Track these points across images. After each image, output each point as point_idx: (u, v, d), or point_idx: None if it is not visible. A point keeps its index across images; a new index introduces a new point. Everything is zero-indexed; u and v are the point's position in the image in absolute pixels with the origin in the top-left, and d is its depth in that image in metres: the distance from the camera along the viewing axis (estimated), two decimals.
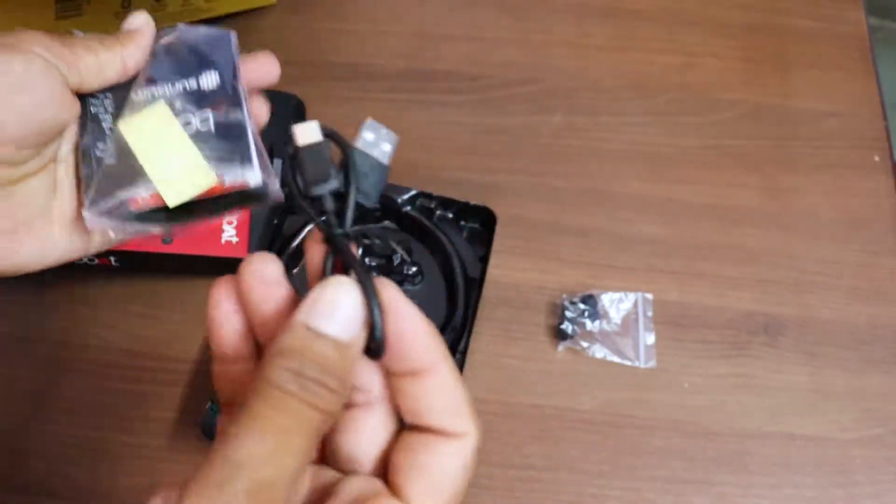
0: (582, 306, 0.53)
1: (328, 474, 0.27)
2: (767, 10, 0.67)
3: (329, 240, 0.26)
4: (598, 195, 0.58)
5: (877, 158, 0.60)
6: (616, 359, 0.52)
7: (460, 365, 0.51)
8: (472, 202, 0.54)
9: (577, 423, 0.51)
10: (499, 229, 0.54)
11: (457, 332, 0.51)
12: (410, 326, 0.25)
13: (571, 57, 0.64)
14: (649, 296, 0.54)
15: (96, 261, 0.52)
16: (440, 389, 0.26)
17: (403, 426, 0.27)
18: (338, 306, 0.24)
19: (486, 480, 0.49)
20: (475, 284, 0.53)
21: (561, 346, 0.52)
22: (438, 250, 0.54)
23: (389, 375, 0.27)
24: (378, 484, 0.26)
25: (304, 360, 0.23)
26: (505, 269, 0.55)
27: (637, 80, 0.63)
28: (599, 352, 0.52)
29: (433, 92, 0.62)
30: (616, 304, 0.53)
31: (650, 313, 0.54)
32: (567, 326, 0.52)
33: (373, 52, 0.64)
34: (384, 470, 0.27)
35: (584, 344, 0.52)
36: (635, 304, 0.54)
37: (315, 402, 0.23)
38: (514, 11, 0.67)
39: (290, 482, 0.23)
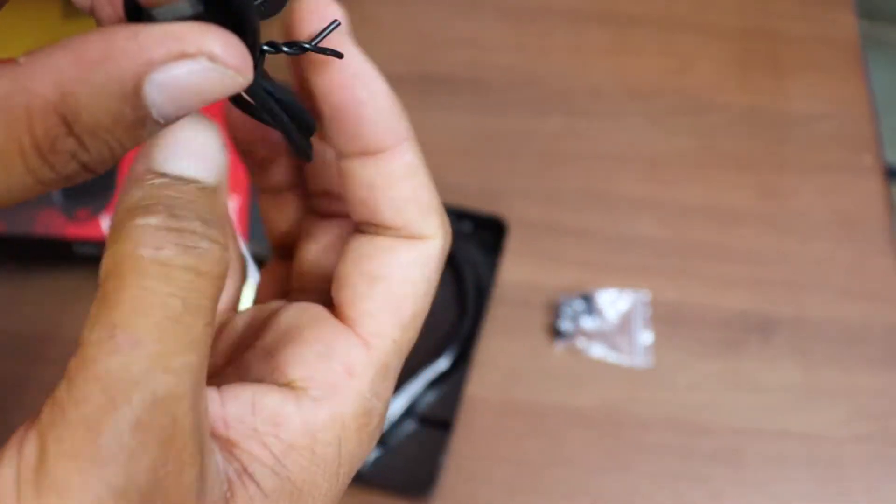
0: (580, 305, 0.54)
1: (268, 306, 0.22)
2: (760, 15, 0.68)
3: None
4: (596, 196, 0.59)
5: (868, 160, 0.61)
6: (613, 357, 0.53)
7: (467, 368, 0.52)
8: (485, 213, 0.56)
9: (574, 419, 0.52)
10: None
11: (465, 339, 0.52)
12: (360, 92, 0.20)
13: (569, 61, 0.65)
14: (646, 295, 0.55)
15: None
16: (402, 176, 0.21)
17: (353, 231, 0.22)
18: (189, 142, 0.17)
19: (485, 476, 0.50)
20: (485, 292, 0.54)
21: (559, 345, 0.53)
22: (451, 261, 0.55)
23: (338, 157, 0.21)
24: (316, 309, 0.21)
25: (164, 208, 0.16)
26: (504, 268, 0.56)
27: (633, 84, 0.64)
28: (597, 350, 0.53)
29: (433, 96, 0.63)
30: (613, 303, 0.54)
31: (647, 312, 0.55)
32: (565, 325, 0.53)
33: (373, 57, 0.65)
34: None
35: (582, 342, 0.53)
36: (632, 303, 0.55)
37: (197, 264, 0.16)
38: (513, 17, 0.68)
39: (195, 383, 0.16)
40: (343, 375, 0.19)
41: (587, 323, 0.53)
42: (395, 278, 0.21)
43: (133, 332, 0.16)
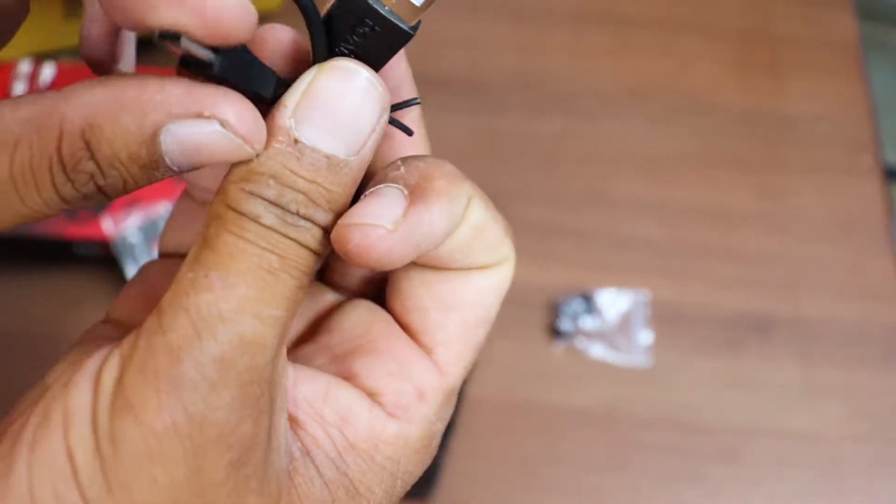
0: (579, 305, 0.54)
1: (325, 298, 0.22)
2: (760, 16, 0.68)
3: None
4: (596, 197, 0.59)
5: (867, 161, 0.61)
6: (613, 356, 0.53)
7: None
8: None
9: (574, 419, 0.52)
10: None
11: None
12: (423, 215, 0.18)
13: (569, 62, 0.65)
14: (645, 295, 0.55)
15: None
16: (472, 236, 0.20)
17: None
18: (335, 105, 0.17)
19: (485, 475, 0.50)
20: None
21: (559, 345, 0.54)
22: None
23: None
24: (384, 318, 0.21)
25: (284, 187, 0.17)
26: None
27: (633, 85, 0.64)
28: (596, 350, 0.53)
29: (433, 97, 0.63)
30: (613, 302, 0.55)
31: (646, 312, 0.55)
32: (565, 325, 0.53)
33: None
34: (383, 294, 0.21)
35: (582, 342, 0.53)
36: (632, 303, 0.55)
37: (302, 239, 0.17)
38: (513, 18, 0.68)
39: (279, 340, 0.17)
40: (414, 398, 0.20)
41: (587, 323, 0.54)
42: (470, 306, 0.20)
43: (227, 274, 0.16)
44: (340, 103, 0.17)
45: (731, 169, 0.61)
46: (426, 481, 0.48)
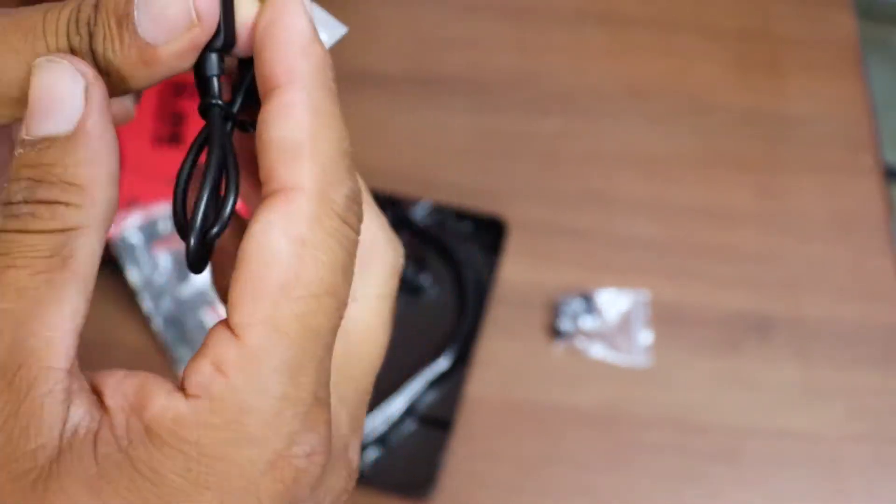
0: (579, 305, 0.54)
1: None
2: (760, 15, 0.68)
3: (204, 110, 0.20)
4: (596, 197, 0.59)
5: (866, 160, 0.61)
6: (612, 356, 0.53)
7: (467, 367, 0.52)
8: (485, 213, 0.56)
9: (574, 419, 0.52)
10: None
11: (465, 339, 0.53)
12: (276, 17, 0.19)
13: (569, 62, 0.65)
14: (645, 295, 0.55)
15: None
16: (277, 116, 0.18)
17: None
18: (39, 97, 0.18)
19: (485, 475, 0.50)
20: (485, 292, 0.54)
21: (559, 345, 0.54)
22: (451, 262, 0.55)
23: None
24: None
25: (11, 182, 0.18)
26: (504, 268, 0.56)
27: (633, 84, 0.64)
28: (596, 350, 0.53)
29: (433, 96, 0.63)
30: (613, 302, 0.55)
31: (646, 312, 0.55)
32: (565, 325, 0.53)
33: (374, 58, 0.65)
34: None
35: (582, 342, 0.54)
36: (632, 303, 0.55)
37: (21, 226, 0.18)
38: (513, 17, 0.68)
39: (15, 325, 0.18)
40: (212, 374, 0.18)
41: (587, 323, 0.54)
42: (251, 251, 0.18)
43: None
44: (47, 94, 0.18)
45: (731, 169, 0.61)
46: (426, 481, 0.48)
